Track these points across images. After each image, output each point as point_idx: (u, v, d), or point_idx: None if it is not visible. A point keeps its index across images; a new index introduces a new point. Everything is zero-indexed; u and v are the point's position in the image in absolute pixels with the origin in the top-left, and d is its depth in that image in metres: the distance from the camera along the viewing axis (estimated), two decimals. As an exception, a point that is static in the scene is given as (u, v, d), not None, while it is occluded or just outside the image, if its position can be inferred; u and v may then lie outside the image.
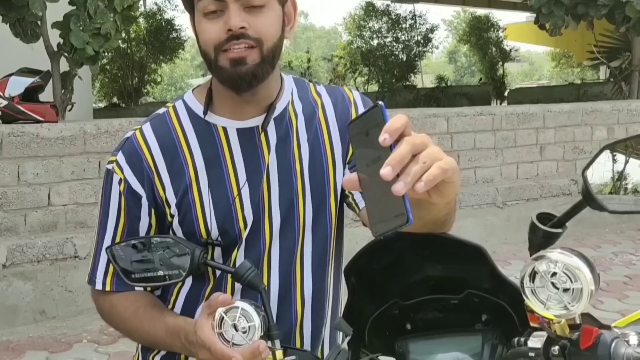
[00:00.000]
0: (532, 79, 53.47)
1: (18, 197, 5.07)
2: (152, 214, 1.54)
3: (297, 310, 1.60)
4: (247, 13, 1.40)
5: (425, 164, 0.94)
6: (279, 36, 1.46)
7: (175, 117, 1.57)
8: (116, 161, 1.53)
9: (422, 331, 1.54)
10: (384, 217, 0.95)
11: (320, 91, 1.66)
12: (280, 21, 1.46)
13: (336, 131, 1.61)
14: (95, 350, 4.35)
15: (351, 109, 1.63)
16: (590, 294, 1.11)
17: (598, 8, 8.54)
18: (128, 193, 1.52)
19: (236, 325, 1.29)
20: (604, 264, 6.18)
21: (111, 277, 1.56)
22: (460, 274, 1.52)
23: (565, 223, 1.25)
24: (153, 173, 1.52)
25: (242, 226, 1.53)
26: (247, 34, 1.40)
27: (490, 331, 1.48)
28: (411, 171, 0.93)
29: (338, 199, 1.62)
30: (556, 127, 7.65)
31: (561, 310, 1.12)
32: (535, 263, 1.14)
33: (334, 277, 1.69)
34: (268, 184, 1.54)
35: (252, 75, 1.43)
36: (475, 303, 1.52)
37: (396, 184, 0.91)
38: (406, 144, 0.94)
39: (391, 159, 0.92)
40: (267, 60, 1.44)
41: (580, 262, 1.11)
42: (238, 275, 1.40)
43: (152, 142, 1.53)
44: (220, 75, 1.46)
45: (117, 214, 1.54)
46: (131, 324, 1.55)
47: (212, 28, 1.41)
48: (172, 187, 1.52)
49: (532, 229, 1.27)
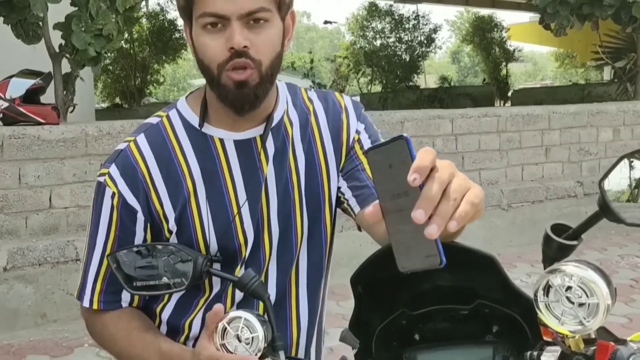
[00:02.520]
0: (535, 79, 53.48)
1: (19, 199, 5.04)
2: (148, 228, 1.50)
3: (292, 320, 1.59)
4: (249, 30, 1.37)
5: (455, 200, 0.92)
6: (278, 52, 1.44)
7: (170, 128, 1.52)
8: (109, 174, 1.48)
9: (430, 342, 1.51)
10: (412, 254, 0.93)
11: (311, 97, 1.64)
12: (280, 36, 1.44)
13: (329, 139, 1.59)
14: (96, 354, 4.32)
15: (342, 115, 1.61)
16: (607, 308, 1.07)
17: (604, 8, 8.51)
18: (123, 208, 1.48)
19: (239, 336, 1.27)
20: (610, 267, 6.14)
21: (98, 295, 1.53)
22: (471, 284, 1.49)
23: (581, 235, 1.21)
24: (149, 186, 1.48)
25: (242, 242, 1.51)
26: (249, 53, 1.38)
27: (502, 343, 1.45)
28: (442, 212, 0.91)
29: (333, 208, 1.60)
30: (561, 128, 7.62)
31: (576, 325, 1.09)
32: (549, 276, 1.10)
33: (324, 283, 1.68)
34: (267, 198, 1.52)
35: (254, 96, 1.42)
36: (486, 314, 1.49)
37: (429, 227, 0.89)
38: (436, 183, 0.91)
39: (422, 201, 0.90)
40: (267, 79, 1.42)
41: (596, 276, 1.08)
42: (242, 284, 1.37)
43: (148, 154, 1.49)
44: (222, 94, 1.43)
45: (108, 228, 1.50)
46: (122, 346, 1.52)
47: (213, 44, 1.39)
48: (170, 201, 1.49)
49: (546, 241, 1.24)
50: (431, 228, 0.89)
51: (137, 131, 1.54)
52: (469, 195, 0.95)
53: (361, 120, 1.62)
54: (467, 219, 0.94)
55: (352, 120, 1.61)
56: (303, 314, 1.60)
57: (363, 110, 1.65)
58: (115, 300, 1.53)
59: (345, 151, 1.59)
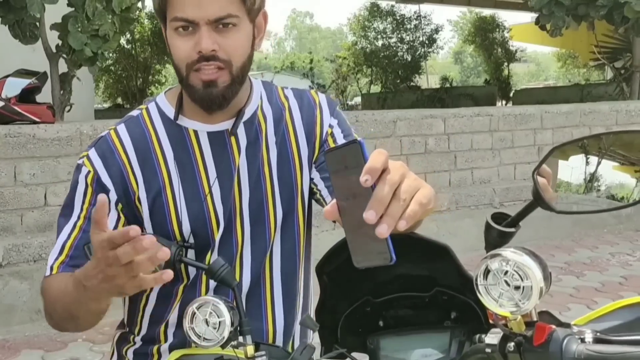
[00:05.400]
0: (538, 79, 53.36)
1: (14, 197, 5.11)
2: (119, 208, 1.55)
3: (267, 308, 1.64)
4: (217, 33, 1.44)
5: (405, 201, 0.97)
6: (249, 54, 1.52)
7: (148, 119, 1.61)
8: (87, 156, 1.56)
9: (394, 328, 1.57)
10: (365, 251, 0.98)
11: (287, 94, 1.70)
12: (250, 38, 1.51)
13: (302, 134, 1.66)
14: (90, 349, 4.37)
15: (316, 112, 1.68)
16: (541, 291, 1.12)
17: (597, 9, 8.54)
18: (96, 184, 1.53)
19: (207, 321, 1.31)
20: (600, 264, 6.17)
21: (60, 264, 1.51)
22: (429, 272, 1.55)
23: (518, 223, 1.28)
24: (127, 168, 1.55)
25: (214, 227, 1.56)
26: (218, 56, 1.45)
27: (458, 328, 1.50)
28: (392, 212, 0.96)
29: (306, 200, 1.66)
30: (554, 128, 7.66)
31: (513, 307, 1.14)
32: (488, 261, 1.15)
33: (304, 276, 1.72)
34: (239, 187, 1.58)
35: (222, 97, 1.49)
36: (445, 301, 1.54)
37: (379, 226, 0.94)
38: (387, 185, 0.96)
39: (373, 202, 0.94)
40: (237, 80, 1.50)
41: (530, 261, 1.13)
42: (212, 271, 1.42)
43: (127, 141, 1.57)
44: (191, 93, 1.51)
45: (81, 204, 1.55)
46: (56, 299, 1.44)
47: (183, 46, 1.46)
48: (145, 187, 1.55)
49: (487, 229, 1.30)
50: (381, 228, 0.94)
51: (120, 121, 1.62)
52: (418, 195, 1.01)
53: (334, 116, 1.69)
54: (416, 218, 0.99)
55: (325, 115, 1.68)
56: (278, 302, 1.65)
57: (338, 107, 1.72)
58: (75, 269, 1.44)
59: (319, 144, 1.66)
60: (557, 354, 1.13)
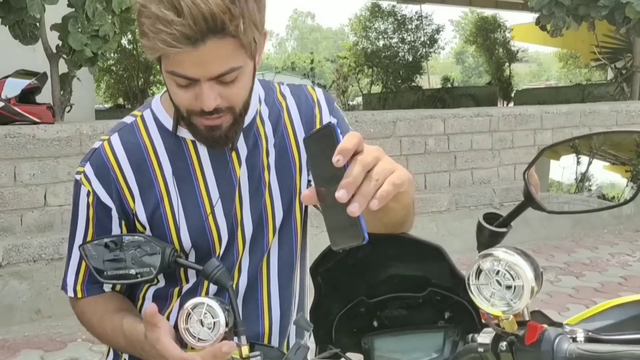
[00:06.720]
0: (540, 79, 53.32)
1: (14, 197, 5.12)
2: (123, 225, 1.54)
3: (263, 309, 1.63)
4: (220, 85, 1.34)
5: (377, 181, 0.98)
6: (250, 88, 1.44)
7: (144, 129, 1.54)
8: (84, 172, 1.52)
9: (388, 328, 1.57)
10: (341, 233, 0.99)
11: (284, 92, 1.65)
12: (251, 75, 1.42)
13: (301, 132, 1.62)
14: (89, 349, 4.39)
15: (315, 109, 1.64)
16: (532, 291, 1.13)
17: (598, 9, 8.53)
18: (98, 205, 1.52)
19: (202, 321, 1.31)
20: (600, 264, 6.18)
21: (81, 285, 1.57)
22: (422, 273, 1.55)
23: (510, 223, 1.28)
24: (122, 186, 1.51)
25: (216, 242, 1.54)
26: (220, 108, 1.36)
27: (452, 328, 1.50)
28: (364, 191, 0.97)
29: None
30: (554, 128, 7.65)
31: (504, 306, 1.14)
32: (480, 261, 1.16)
33: (300, 276, 1.71)
34: (240, 197, 1.55)
35: (225, 137, 1.43)
36: (438, 301, 1.54)
37: (351, 205, 0.95)
38: (358, 164, 0.97)
39: (345, 181, 0.96)
40: (240, 117, 1.43)
41: (522, 261, 1.13)
42: (206, 273, 1.41)
43: (121, 154, 1.52)
44: (193, 132, 1.45)
45: (86, 223, 1.54)
46: (98, 330, 1.57)
47: (183, 95, 1.36)
48: (142, 201, 1.52)
49: (479, 229, 1.31)
50: (353, 206, 0.95)
51: (113, 130, 1.56)
52: (392, 176, 1.01)
53: (334, 114, 1.66)
54: (389, 198, 1.00)
55: (324, 113, 1.64)
56: (274, 302, 1.64)
57: (335, 103, 1.69)
58: (98, 287, 1.57)
59: None
60: (548, 353, 1.13)
